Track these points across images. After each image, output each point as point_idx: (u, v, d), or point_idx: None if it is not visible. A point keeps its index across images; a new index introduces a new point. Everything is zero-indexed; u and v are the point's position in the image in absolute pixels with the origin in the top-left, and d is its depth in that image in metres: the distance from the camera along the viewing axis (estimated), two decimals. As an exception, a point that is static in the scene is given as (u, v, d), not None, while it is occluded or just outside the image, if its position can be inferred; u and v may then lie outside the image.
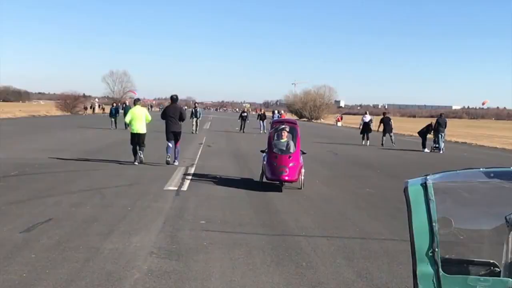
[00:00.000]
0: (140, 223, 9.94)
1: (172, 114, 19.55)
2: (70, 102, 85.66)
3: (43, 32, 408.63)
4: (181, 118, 19.66)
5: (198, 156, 23.45)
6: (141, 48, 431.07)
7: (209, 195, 13.41)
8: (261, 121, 49.76)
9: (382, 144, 35.59)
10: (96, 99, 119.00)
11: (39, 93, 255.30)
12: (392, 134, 36.70)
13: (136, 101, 21.43)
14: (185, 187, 14.50)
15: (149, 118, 20.14)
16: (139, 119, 19.74)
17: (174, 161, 19.44)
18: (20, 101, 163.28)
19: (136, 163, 19.41)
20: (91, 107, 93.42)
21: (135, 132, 19.66)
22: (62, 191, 12.87)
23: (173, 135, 19.55)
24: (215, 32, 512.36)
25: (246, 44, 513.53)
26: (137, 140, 19.61)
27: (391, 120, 37.14)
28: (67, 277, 6.74)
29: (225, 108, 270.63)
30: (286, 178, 14.16)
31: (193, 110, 44.62)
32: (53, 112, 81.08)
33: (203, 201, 12.55)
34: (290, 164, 14.32)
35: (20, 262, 7.26)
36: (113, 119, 45.09)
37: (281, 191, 14.32)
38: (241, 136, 41.80)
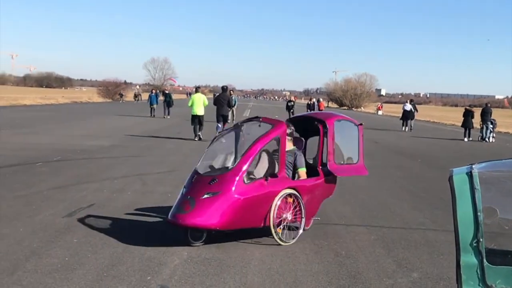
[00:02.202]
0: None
1: (222, 100, 23.99)
2: (112, 89, 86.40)
3: (86, 20, 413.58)
4: (229, 105, 23.78)
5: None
6: (183, 35, 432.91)
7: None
8: (309, 111, 43.78)
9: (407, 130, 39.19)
10: (137, 86, 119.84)
11: (81, 79, 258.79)
12: (412, 121, 40.59)
13: (197, 89, 26.64)
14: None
15: (206, 103, 24.60)
16: (199, 103, 24.18)
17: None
18: (63, 88, 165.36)
19: (196, 139, 23.74)
20: (138, 94, 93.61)
21: (195, 114, 24.17)
22: (103, 177, 13.02)
23: (222, 118, 24.00)
24: (255, 19, 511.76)
25: (286, 31, 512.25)
26: (197, 120, 24.11)
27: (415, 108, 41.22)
28: (108, 262, 6.82)
29: (265, 96, 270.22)
30: (181, 221, 7.53)
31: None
32: (95, 98, 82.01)
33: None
34: (205, 195, 7.65)
35: (62, 247, 7.37)
36: (153, 107, 42.90)
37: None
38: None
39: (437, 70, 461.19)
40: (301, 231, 8.39)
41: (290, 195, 8.22)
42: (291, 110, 43.34)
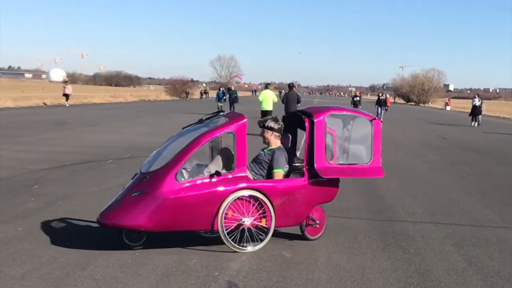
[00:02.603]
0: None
1: (291, 98, 24.54)
2: (179, 87, 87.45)
3: (154, 20, 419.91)
4: (298, 101, 24.56)
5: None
6: (249, 33, 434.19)
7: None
8: (379, 107, 42.51)
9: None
10: (204, 84, 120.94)
11: (149, 78, 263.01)
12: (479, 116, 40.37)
13: (267, 85, 28.82)
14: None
15: (276, 99, 26.30)
16: (268, 100, 25.94)
17: None
18: (131, 86, 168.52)
19: None
20: (204, 92, 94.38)
21: (264, 109, 25.84)
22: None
23: None
24: (321, 16, 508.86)
25: (352, 27, 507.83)
26: (265, 115, 23.69)
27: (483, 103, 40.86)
28: (176, 257, 6.92)
29: (330, 92, 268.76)
30: (103, 220, 7.07)
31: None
32: (162, 96, 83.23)
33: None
34: (133, 194, 7.13)
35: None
36: (221, 104, 42.66)
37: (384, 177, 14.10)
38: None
39: (507, 65, 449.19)
40: (267, 237, 7.46)
41: (251, 197, 7.38)
42: (357, 106, 41.91)
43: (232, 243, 7.26)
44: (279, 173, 7.75)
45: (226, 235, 7.22)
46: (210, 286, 6.01)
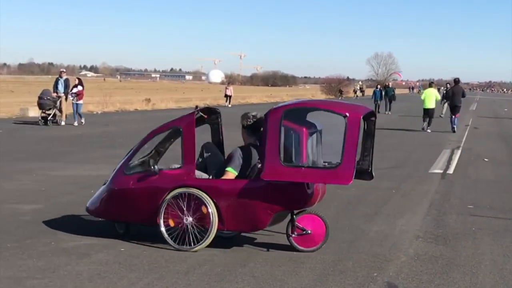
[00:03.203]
0: (405, 206, 9.88)
1: (456, 92, 25.62)
2: (335, 86, 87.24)
3: (312, 20, 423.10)
4: (463, 95, 25.72)
5: (464, 139, 22.70)
6: (406, 30, 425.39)
7: (476, 179, 12.92)
8: None
9: None
10: (360, 82, 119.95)
11: (305, 77, 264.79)
12: None
13: (430, 84, 29.09)
14: (451, 170, 14.12)
15: (438, 97, 27.50)
16: (431, 98, 26.14)
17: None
18: (287, 86, 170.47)
19: (425, 128, 26.06)
20: (360, 90, 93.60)
21: (427, 107, 26.08)
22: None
23: (455, 109, 25.58)
24: (484, 13, 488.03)
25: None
26: (427, 113, 25.95)
27: None
28: (334, 257, 6.91)
29: (492, 89, 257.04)
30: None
31: (445, 91, 36.89)
32: (318, 95, 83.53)
33: (470, 185, 12.13)
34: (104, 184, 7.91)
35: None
36: (378, 103, 41.28)
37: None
38: None
39: None
40: (207, 239, 6.94)
41: (191, 195, 6.96)
42: None
43: (171, 241, 7.01)
44: (228, 172, 7.11)
45: (165, 232, 7.03)
46: (368, 287, 5.94)
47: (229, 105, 47.43)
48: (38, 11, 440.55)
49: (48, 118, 23.74)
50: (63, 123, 24.17)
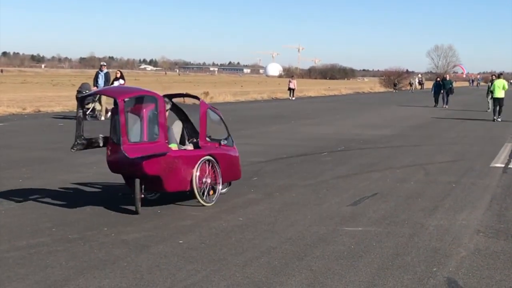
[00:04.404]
0: (465, 201, 9.70)
1: None
2: (394, 78, 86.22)
3: (372, 13, 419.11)
4: None
5: (527, 132, 22.16)
6: (467, 22, 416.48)
7: (540, 173, 12.59)
8: None
9: None
10: (419, 75, 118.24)
11: (363, 70, 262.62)
12: None
13: (499, 75, 31.26)
14: (513, 164, 13.80)
15: (506, 87, 28.82)
16: (499, 88, 28.22)
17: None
18: (345, 79, 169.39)
19: (495, 119, 27.71)
20: (419, 82, 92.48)
21: (496, 96, 28.29)
22: (386, 166, 13.09)
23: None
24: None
25: None
26: (497, 103, 28.17)
27: None
28: (392, 251, 6.85)
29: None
30: None
31: (490, 83, 34.54)
32: (377, 88, 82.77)
33: (533, 179, 11.83)
34: None
35: (348, 234, 7.55)
36: (436, 97, 39.89)
37: None
38: None
39: None
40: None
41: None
42: None
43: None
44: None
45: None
46: (428, 282, 5.86)
47: (293, 98, 47.46)
48: (99, 6, 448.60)
49: (87, 113, 22.01)
50: (102, 118, 23.02)
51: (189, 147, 9.34)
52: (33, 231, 7.44)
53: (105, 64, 25.40)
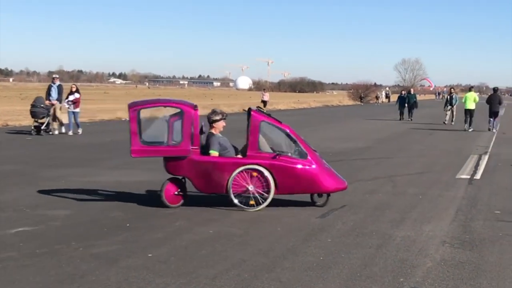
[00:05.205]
0: (431, 212, 9.85)
1: (493, 100, 29.24)
2: (362, 91, 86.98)
3: (339, 27, 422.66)
4: (500, 102, 29.51)
5: (491, 144, 22.52)
6: (435, 35, 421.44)
7: (504, 185, 12.82)
8: None
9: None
10: (387, 88, 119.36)
11: (332, 83, 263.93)
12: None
13: (470, 88, 33.99)
14: (478, 176, 14.03)
15: (477, 100, 30.81)
16: (470, 100, 30.20)
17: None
18: (315, 92, 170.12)
19: (466, 129, 29.32)
20: (386, 96, 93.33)
21: (467, 108, 30.13)
22: (355, 178, 13.18)
23: (494, 114, 29.22)
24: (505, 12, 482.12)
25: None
26: (468, 114, 29.95)
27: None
28: (361, 262, 6.93)
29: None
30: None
31: (448, 96, 36.56)
32: (345, 101, 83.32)
33: (497, 191, 12.05)
34: None
35: (317, 246, 7.63)
36: (402, 111, 39.99)
37: None
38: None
39: None
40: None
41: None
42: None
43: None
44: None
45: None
46: (395, 292, 5.95)
47: (265, 111, 47.38)
48: (68, 19, 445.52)
49: (42, 128, 22.38)
50: (56, 132, 22.75)
51: (239, 156, 9.89)
52: (0, 246, 7.38)
53: (57, 76, 24.55)
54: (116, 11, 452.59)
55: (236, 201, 9.60)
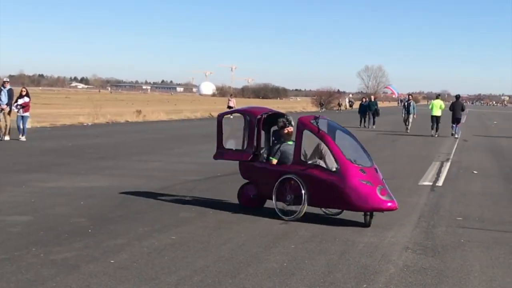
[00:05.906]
0: (394, 218, 9.89)
1: (456, 107, 30.30)
2: (325, 98, 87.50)
3: (304, 34, 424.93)
4: (462, 109, 30.84)
5: (453, 151, 22.81)
6: (397, 43, 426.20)
7: (465, 191, 12.97)
8: None
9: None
10: (350, 95, 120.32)
11: (296, 89, 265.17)
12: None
13: (437, 96, 36.09)
14: (440, 182, 14.18)
15: (443, 107, 31.98)
16: (437, 107, 31.36)
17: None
18: (278, 98, 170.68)
19: (433, 134, 30.96)
20: (349, 103, 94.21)
21: (434, 115, 31.28)
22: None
23: (456, 120, 30.16)
24: (463, 23, 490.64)
25: (506, 29, 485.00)
26: (435, 120, 31.14)
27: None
28: (324, 268, 6.93)
29: (482, 101, 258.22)
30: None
31: (405, 103, 36.15)
32: (309, 108, 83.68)
33: (459, 197, 12.18)
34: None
35: (280, 252, 7.61)
36: (363, 118, 40.47)
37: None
38: (507, 131, 39.72)
39: None
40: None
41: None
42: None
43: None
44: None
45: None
46: (358, 298, 5.96)
47: (231, 116, 47.27)
48: (28, 22, 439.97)
49: None
50: (6, 137, 21.96)
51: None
52: (-42, 251, 7.21)
53: (8, 80, 23.60)
54: (78, 14, 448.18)
55: (276, 206, 9.71)
